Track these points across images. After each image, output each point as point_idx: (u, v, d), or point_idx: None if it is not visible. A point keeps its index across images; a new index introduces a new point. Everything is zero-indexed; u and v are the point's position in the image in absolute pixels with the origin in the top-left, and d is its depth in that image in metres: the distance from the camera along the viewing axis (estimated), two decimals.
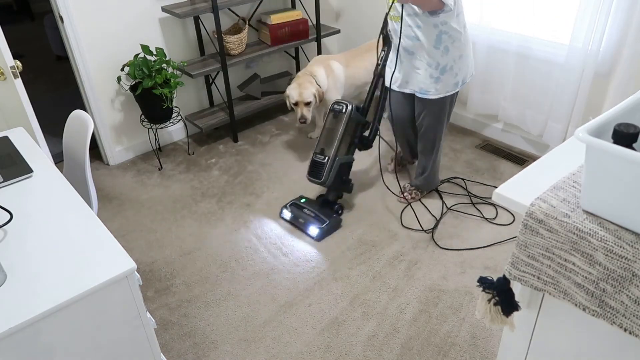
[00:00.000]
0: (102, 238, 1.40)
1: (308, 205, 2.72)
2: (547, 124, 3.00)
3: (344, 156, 2.65)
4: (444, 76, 2.40)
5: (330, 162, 2.59)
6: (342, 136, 2.60)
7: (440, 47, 2.33)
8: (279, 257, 2.50)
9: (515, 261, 1.11)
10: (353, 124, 2.63)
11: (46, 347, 1.23)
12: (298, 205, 2.74)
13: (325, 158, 2.60)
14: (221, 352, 2.04)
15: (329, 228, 2.61)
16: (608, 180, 0.93)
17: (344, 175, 2.71)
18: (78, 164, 2.04)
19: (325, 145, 2.63)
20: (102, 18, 2.97)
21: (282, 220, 2.74)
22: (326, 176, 2.59)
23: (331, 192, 2.72)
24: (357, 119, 2.63)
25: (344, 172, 2.69)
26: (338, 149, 2.60)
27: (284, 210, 2.75)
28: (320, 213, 2.65)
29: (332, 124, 2.64)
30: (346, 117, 2.59)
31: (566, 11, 2.73)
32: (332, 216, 2.64)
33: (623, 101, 1.02)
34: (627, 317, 0.95)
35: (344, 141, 2.63)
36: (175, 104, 3.32)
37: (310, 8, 3.70)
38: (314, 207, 2.70)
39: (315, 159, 2.64)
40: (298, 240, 2.60)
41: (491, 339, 2.03)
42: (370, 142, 2.72)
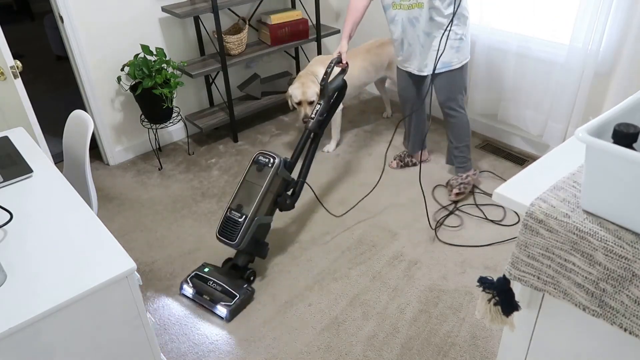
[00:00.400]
0: (102, 238, 1.40)
1: (214, 276, 2.30)
2: (547, 124, 3.00)
3: (264, 216, 2.30)
4: (462, 44, 2.53)
5: (248, 222, 2.21)
6: (265, 193, 2.25)
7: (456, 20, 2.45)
8: (278, 257, 2.50)
9: (515, 261, 1.11)
10: (279, 180, 2.32)
11: (46, 347, 1.23)
12: (201, 277, 2.31)
13: (243, 217, 2.22)
14: (221, 352, 2.04)
15: (240, 304, 2.20)
16: (608, 180, 0.93)
17: (261, 238, 2.36)
18: (78, 164, 2.04)
19: (243, 202, 2.26)
20: (102, 18, 2.97)
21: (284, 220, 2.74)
22: (240, 238, 2.20)
23: (242, 255, 2.32)
24: (283, 175, 2.32)
25: (261, 234, 2.34)
26: (259, 208, 2.25)
27: (184, 285, 2.31)
28: (228, 285, 2.24)
29: (254, 178, 2.29)
30: (272, 172, 2.26)
31: (566, 11, 2.73)
32: (242, 288, 2.24)
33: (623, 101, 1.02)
34: (627, 317, 0.95)
35: (266, 199, 2.28)
36: (175, 104, 3.32)
37: (310, 8, 3.70)
38: (221, 278, 2.28)
39: (230, 215, 2.25)
40: (298, 240, 2.60)
41: (491, 339, 2.03)
42: (293, 204, 2.45)
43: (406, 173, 3.07)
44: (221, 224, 2.27)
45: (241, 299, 2.20)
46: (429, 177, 3.03)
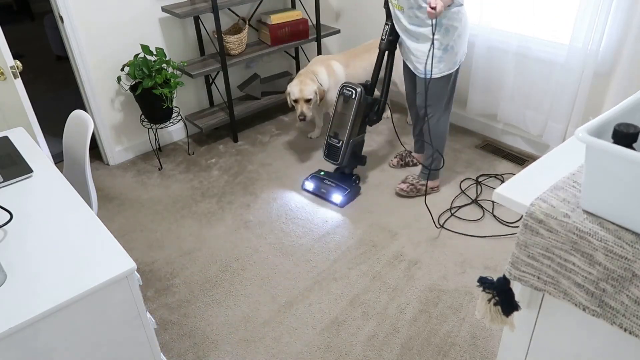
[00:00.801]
0: (102, 238, 1.40)
1: (328, 177, 2.94)
2: (547, 124, 3.00)
3: (357, 137, 2.81)
4: (446, 55, 2.48)
5: (345, 145, 2.77)
6: (353, 120, 2.73)
7: (441, 29, 2.43)
8: (278, 257, 2.50)
9: (515, 261, 1.11)
10: (363, 106, 2.75)
11: (46, 347, 1.23)
12: (318, 177, 2.95)
13: (340, 142, 2.78)
14: (221, 352, 2.04)
15: (351, 195, 2.84)
16: (608, 180, 0.93)
17: (358, 152, 2.91)
18: (78, 164, 2.04)
19: (338, 129, 2.79)
20: (102, 18, 2.97)
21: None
22: (342, 158, 2.79)
23: (347, 166, 2.90)
24: (366, 101, 2.74)
25: (357, 149, 2.89)
26: (351, 132, 2.75)
27: (305, 182, 2.96)
28: (340, 182, 2.87)
29: (343, 109, 2.76)
30: (356, 102, 2.70)
31: (566, 11, 2.73)
32: (352, 184, 2.87)
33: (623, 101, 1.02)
34: (627, 317, 0.95)
35: (356, 124, 2.76)
36: (175, 104, 3.32)
37: (310, 8, 3.70)
38: (334, 178, 2.92)
39: (330, 142, 2.82)
40: (298, 240, 2.60)
41: (491, 339, 2.03)
42: (379, 118, 2.87)
43: (407, 172, 3.07)
44: (325, 149, 2.87)
45: (351, 191, 2.85)
46: None
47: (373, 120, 2.86)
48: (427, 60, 2.49)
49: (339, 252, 2.52)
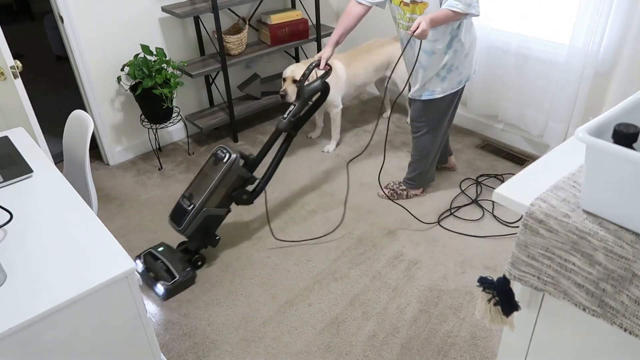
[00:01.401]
0: (102, 238, 1.40)
1: (164, 255, 2.39)
2: (547, 124, 3.00)
3: (213, 208, 2.37)
4: (450, 75, 2.43)
5: (195, 212, 2.30)
6: (215, 187, 2.32)
7: (450, 50, 2.36)
8: (278, 257, 2.50)
9: (515, 261, 1.11)
10: (233, 176, 2.37)
11: (46, 347, 1.23)
12: (154, 255, 2.41)
13: (191, 206, 2.31)
14: (221, 352, 2.04)
15: (177, 287, 2.30)
16: (608, 180, 0.93)
17: (210, 228, 2.43)
18: (78, 164, 2.04)
19: (194, 191, 2.35)
20: (102, 18, 2.97)
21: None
22: (186, 226, 2.31)
23: (192, 240, 2.41)
24: (238, 171, 2.37)
25: (210, 224, 2.42)
26: (207, 200, 2.32)
27: (136, 261, 2.41)
28: (173, 266, 2.33)
29: (209, 170, 2.37)
30: (225, 168, 2.32)
31: (566, 11, 2.73)
32: (186, 270, 2.33)
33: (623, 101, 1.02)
34: (627, 317, 0.95)
35: (217, 193, 2.34)
36: (175, 104, 3.32)
37: (310, 8, 3.70)
38: (170, 258, 2.38)
39: (181, 202, 2.36)
40: (298, 241, 2.60)
41: (491, 339, 2.03)
42: (251, 200, 2.52)
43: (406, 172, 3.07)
44: (173, 209, 2.40)
45: (180, 281, 2.30)
46: None
47: (241, 199, 2.47)
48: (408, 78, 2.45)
49: (339, 251, 2.52)
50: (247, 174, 2.44)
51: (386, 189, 2.88)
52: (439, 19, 2.10)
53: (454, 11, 2.11)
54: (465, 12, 2.11)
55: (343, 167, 3.19)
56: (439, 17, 2.10)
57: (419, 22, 2.06)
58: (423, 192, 2.88)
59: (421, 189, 2.87)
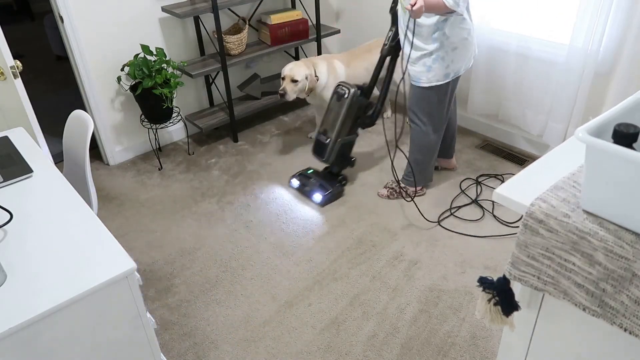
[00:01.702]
0: (102, 238, 1.40)
1: (314, 175, 2.94)
2: (547, 124, 3.00)
3: (346, 137, 2.80)
4: (435, 65, 2.47)
5: (332, 143, 2.76)
6: (344, 119, 2.73)
7: (436, 41, 2.42)
8: (279, 257, 2.50)
9: (515, 261, 1.11)
10: (355, 107, 2.74)
11: (46, 347, 1.23)
12: (305, 175, 2.97)
13: (328, 139, 2.77)
14: (221, 352, 2.04)
15: (332, 196, 2.83)
16: (608, 180, 0.93)
17: (346, 152, 2.90)
18: (78, 164, 2.04)
19: (328, 127, 2.80)
20: (102, 18, 2.97)
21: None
22: (328, 155, 2.79)
23: (335, 165, 2.91)
24: (359, 102, 2.74)
25: (346, 149, 2.88)
26: (340, 131, 2.75)
27: (292, 179, 2.99)
28: (324, 182, 2.86)
29: (336, 107, 2.77)
30: (348, 102, 2.70)
31: (566, 11, 2.73)
32: (335, 185, 2.86)
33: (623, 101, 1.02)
34: (627, 317, 0.95)
35: (346, 124, 2.76)
36: (175, 104, 3.32)
37: (310, 8, 3.70)
38: (320, 177, 2.92)
39: (319, 138, 2.83)
40: (298, 240, 2.60)
41: (491, 339, 2.03)
42: (373, 122, 2.87)
43: None
44: (314, 145, 2.89)
45: (333, 191, 2.84)
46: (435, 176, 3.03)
47: (366, 123, 2.86)
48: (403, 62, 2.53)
49: (339, 251, 2.52)
50: (366, 101, 2.79)
51: (385, 189, 2.90)
52: (431, 5, 2.22)
53: (445, 4, 2.22)
54: (451, 7, 2.23)
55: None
56: (431, 3, 2.22)
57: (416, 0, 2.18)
58: (422, 189, 2.89)
59: (420, 187, 2.87)
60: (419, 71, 2.52)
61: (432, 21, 2.36)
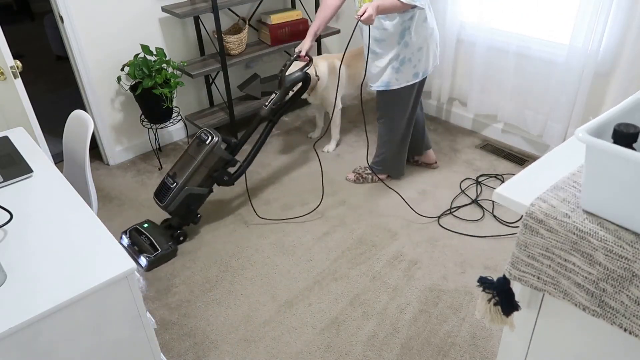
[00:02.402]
0: (102, 238, 1.40)
1: (149, 231, 2.56)
2: (547, 124, 3.00)
3: (195, 187, 2.53)
4: (403, 67, 2.52)
5: (177, 190, 2.48)
6: (196, 167, 2.49)
7: (401, 42, 2.46)
8: (278, 257, 2.50)
9: (515, 261, 1.11)
10: (214, 158, 2.52)
11: (46, 347, 1.23)
12: (139, 230, 2.59)
13: (174, 184, 2.49)
14: (221, 352, 2.04)
15: (159, 259, 2.47)
16: (608, 180, 0.93)
17: (192, 206, 2.58)
18: (78, 164, 2.04)
19: (178, 171, 2.52)
20: (102, 18, 2.97)
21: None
22: (169, 202, 2.48)
23: (175, 217, 2.59)
24: (219, 153, 2.52)
25: (192, 202, 2.57)
26: (189, 179, 2.49)
27: (123, 236, 2.59)
28: (156, 240, 2.50)
29: (193, 152, 2.53)
30: (207, 150, 2.49)
31: (566, 11, 2.73)
32: (168, 244, 2.50)
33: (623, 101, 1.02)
34: (627, 317, 0.95)
35: (199, 173, 2.51)
36: (175, 104, 3.32)
37: (310, 8, 3.70)
38: (154, 233, 2.55)
39: (165, 180, 2.54)
40: (298, 240, 2.60)
41: (491, 339, 2.03)
42: (232, 181, 2.67)
43: (406, 173, 3.07)
44: (158, 187, 2.58)
45: (162, 254, 2.47)
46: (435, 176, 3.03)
47: (223, 180, 2.62)
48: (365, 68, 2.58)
49: (339, 251, 2.52)
50: (229, 156, 2.59)
51: (353, 173, 3.02)
52: (385, 6, 2.21)
53: (400, 0, 2.21)
54: (410, 3, 2.22)
55: (343, 166, 3.19)
56: (385, 5, 2.21)
57: (366, 8, 2.16)
58: (388, 177, 2.99)
59: (386, 174, 2.97)
60: (389, 76, 2.56)
61: (397, 21, 2.38)
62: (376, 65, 2.57)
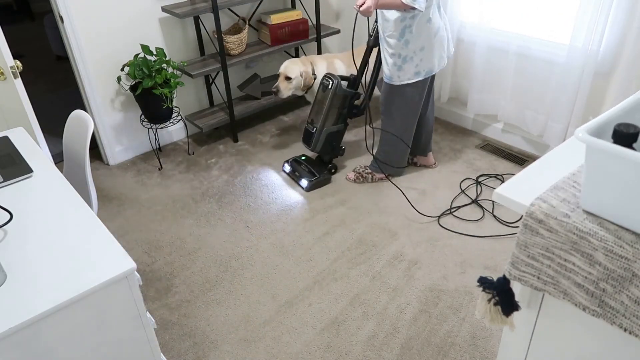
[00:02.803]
0: (102, 238, 1.40)
1: (305, 162, 3.08)
2: (547, 124, 3.00)
3: (332, 126, 2.91)
4: (405, 65, 2.56)
5: (318, 132, 2.89)
6: (328, 109, 2.84)
7: (402, 39, 2.49)
8: (278, 257, 2.50)
9: (515, 261, 1.11)
10: (339, 97, 2.83)
11: (46, 347, 1.23)
12: (297, 161, 3.11)
13: (314, 128, 2.90)
14: (221, 352, 2.04)
15: (318, 182, 2.95)
16: (608, 180, 0.93)
17: (334, 142, 2.98)
18: (78, 164, 2.04)
19: (315, 116, 2.91)
20: (102, 18, 2.97)
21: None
22: (314, 144, 2.93)
23: (324, 154, 3.03)
24: (343, 93, 2.83)
25: (333, 139, 2.97)
26: (325, 121, 2.86)
27: (285, 164, 3.13)
28: (313, 168, 2.99)
29: (322, 97, 2.87)
30: (332, 93, 2.80)
31: (566, 11, 2.73)
32: (323, 172, 2.98)
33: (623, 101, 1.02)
34: (627, 317, 0.95)
35: (331, 113, 2.86)
36: (175, 104, 3.32)
37: (310, 8, 3.70)
38: (312, 163, 3.05)
39: (307, 127, 2.96)
40: (298, 240, 2.60)
41: (491, 339, 2.03)
42: (361, 112, 2.94)
43: (405, 173, 3.07)
44: (303, 134, 3.03)
45: (320, 179, 2.97)
46: (435, 176, 3.03)
47: (353, 113, 2.93)
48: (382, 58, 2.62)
49: (339, 251, 2.52)
50: (351, 92, 2.87)
51: (353, 173, 3.04)
52: (385, 1, 2.25)
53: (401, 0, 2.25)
54: (409, 4, 2.24)
55: (343, 166, 3.19)
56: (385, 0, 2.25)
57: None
58: (387, 177, 3.00)
59: (385, 174, 2.99)
60: (391, 70, 2.60)
61: (398, 17, 2.41)
62: (384, 56, 2.62)
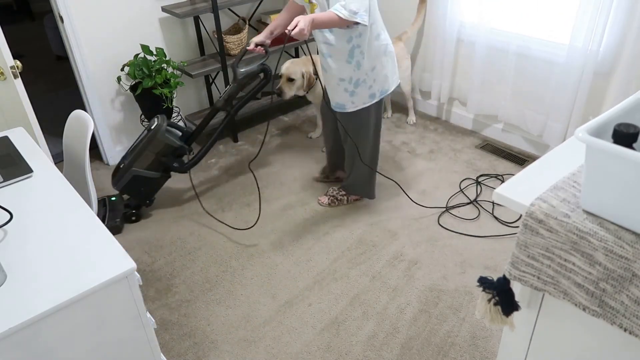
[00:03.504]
0: (102, 238, 1.40)
1: (111, 204, 2.77)
2: (547, 124, 3.00)
3: (143, 170, 2.62)
4: (357, 89, 2.35)
5: (124, 169, 2.60)
6: (141, 150, 2.58)
7: (352, 61, 2.28)
8: (279, 257, 2.50)
9: (515, 261, 1.11)
10: (159, 143, 2.58)
11: (46, 347, 1.23)
12: (104, 202, 2.79)
13: (122, 164, 2.62)
14: (221, 352, 2.04)
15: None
16: (608, 180, 0.93)
17: (143, 187, 2.69)
18: (78, 164, 2.04)
19: (129, 153, 2.64)
20: (102, 18, 2.97)
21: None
22: (116, 181, 2.63)
23: (133, 197, 2.75)
24: (164, 140, 2.58)
25: (142, 184, 2.67)
26: (135, 161, 2.59)
27: None
28: (108, 214, 2.69)
29: (144, 135, 2.64)
30: (151, 135, 2.57)
31: (566, 11, 2.73)
32: (115, 220, 2.67)
33: (623, 101, 1.02)
34: (627, 317, 0.95)
35: (145, 156, 2.59)
36: (175, 104, 3.32)
37: None
38: (113, 207, 2.75)
39: (120, 161, 2.67)
40: (298, 240, 2.60)
41: (491, 339, 2.03)
42: (183, 169, 2.75)
43: (405, 173, 3.07)
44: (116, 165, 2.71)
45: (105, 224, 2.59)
46: (435, 176, 3.03)
47: (172, 167, 2.69)
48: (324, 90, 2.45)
49: (339, 251, 2.52)
50: (175, 143, 2.63)
51: (326, 197, 2.85)
52: (322, 20, 2.00)
53: (338, 16, 2.01)
54: (349, 19, 2.01)
55: None
56: (322, 19, 2.00)
57: (297, 21, 1.94)
58: (361, 198, 2.85)
59: (359, 195, 2.84)
60: (342, 98, 2.40)
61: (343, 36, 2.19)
62: (327, 81, 2.41)
